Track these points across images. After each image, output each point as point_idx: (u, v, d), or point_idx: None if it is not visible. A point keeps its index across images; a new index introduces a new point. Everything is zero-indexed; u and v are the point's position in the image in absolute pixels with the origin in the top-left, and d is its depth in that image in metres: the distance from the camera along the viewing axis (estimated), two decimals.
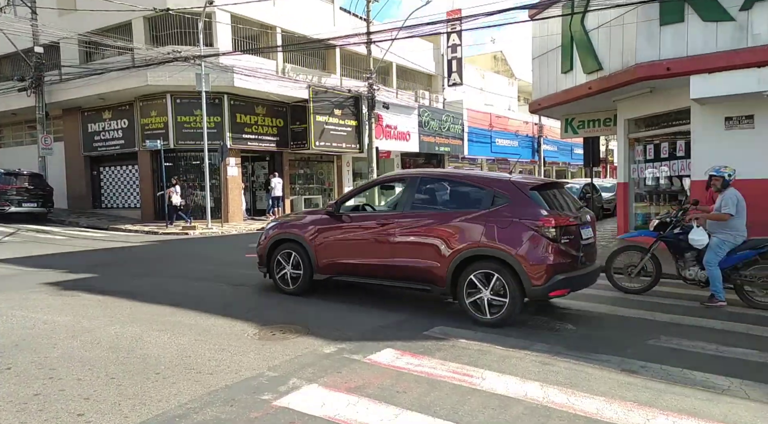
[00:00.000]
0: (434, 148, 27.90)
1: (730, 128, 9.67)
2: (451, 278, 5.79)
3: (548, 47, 13.61)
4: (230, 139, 18.59)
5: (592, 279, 6.17)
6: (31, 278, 8.29)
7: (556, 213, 5.60)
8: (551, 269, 5.42)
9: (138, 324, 5.61)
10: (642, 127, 12.23)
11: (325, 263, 6.77)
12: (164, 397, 3.74)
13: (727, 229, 6.54)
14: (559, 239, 5.46)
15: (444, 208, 6.19)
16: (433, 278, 5.95)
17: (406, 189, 6.49)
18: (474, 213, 5.79)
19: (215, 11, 18.02)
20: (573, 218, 5.78)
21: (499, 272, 5.53)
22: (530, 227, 5.45)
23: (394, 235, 6.21)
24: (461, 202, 6.12)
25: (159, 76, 17.28)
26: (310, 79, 21.13)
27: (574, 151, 38.59)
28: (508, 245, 5.48)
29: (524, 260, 5.40)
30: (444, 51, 29.04)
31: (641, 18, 9.81)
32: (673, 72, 9.50)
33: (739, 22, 8.98)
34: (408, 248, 6.12)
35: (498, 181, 6.02)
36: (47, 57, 20.01)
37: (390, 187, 6.98)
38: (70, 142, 21.34)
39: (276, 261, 7.22)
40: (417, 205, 6.29)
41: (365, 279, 6.60)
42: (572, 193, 16.76)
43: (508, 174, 6.59)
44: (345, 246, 6.64)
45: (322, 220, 6.90)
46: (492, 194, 5.83)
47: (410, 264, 6.12)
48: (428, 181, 6.49)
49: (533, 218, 5.47)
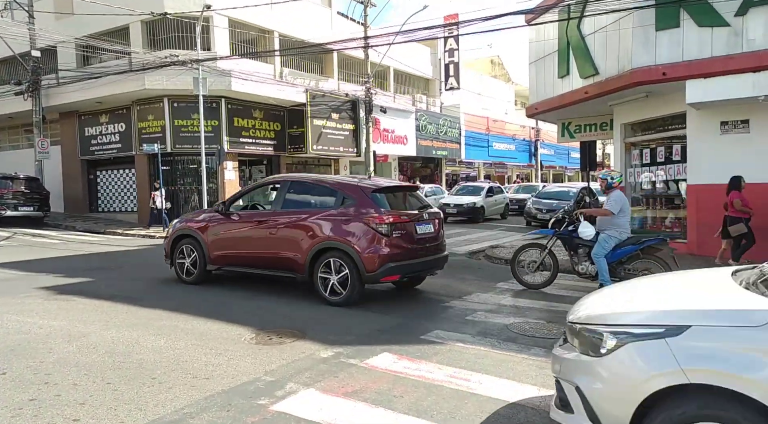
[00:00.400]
0: (431, 152, 27.95)
1: (726, 133, 9.72)
2: (309, 266, 6.84)
3: (545, 52, 13.67)
4: (227, 143, 18.58)
5: (430, 266, 7.28)
6: (26, 283, 8.25)
7: (389, 212, 6.68)
8: (383, 259, 6.51)
9: (134, 328, 5.59)
10: (638, 132, 12.29)
11: (216, 255, 7.76)
12: (160, 402, 3.72)
13: (612, 226, 7.15)
14: (390, 234, 6.56)
15: (305, 208, 7.21)
16: (297, 267, 6.96)
17: (279, 191, 7.60)
18: (327, 212, 6.91)
19: (213, 15, 18.04)
20: (406, 216, 6.85)
21: (343, 261, 6.61)
22: (366, 224, 6.57)
23: (267, 231, 7.26)
24: (319, 202, 7.21)
25: (156, 80, 17.27)
26: (308, 83, 21.16)
27: (571, 155, 38.72)
28: (349, 239, 6.61)
29: (360, 250, 6.51)
30: (441, 55, 29.14)
31: (637, 23, 9.87)
32: (668, 77, 9.55)
33: (734, 27, 9.05)
34: (278, 241, 7.17)
35: (347, 184, 7.11)
36: (44, 61, 19.98)
37: (276, 188, 8.07)
38: (66, 145, 21.30)
39: (178, 254, 8.15)
40: (286, 205, 7.35)
41: (248, 269, 7.58)
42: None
43: (366, 177, 7.79)
44: (231, 240, 7.64)
45: (214, 218, 7.91)
46: (342, 196, 6.92)
47: (280, 255, 7.15)
48: (295, 185, 7.54)
49: (369, 216, 6.59)
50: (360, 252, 6.50)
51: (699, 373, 2.41)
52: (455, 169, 32.41)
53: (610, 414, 2.63)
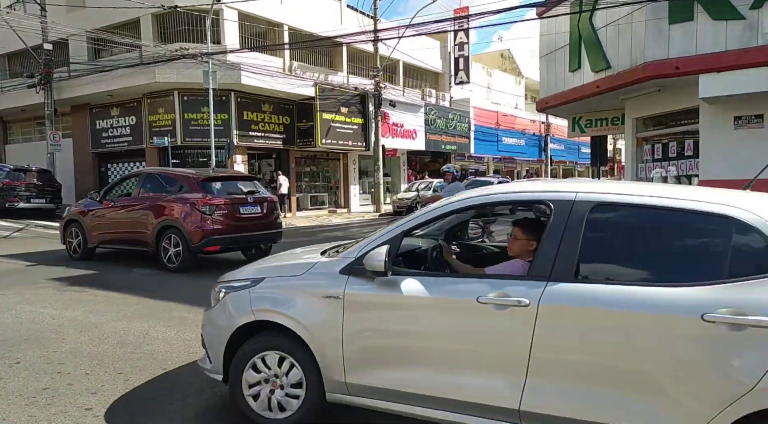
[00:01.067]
0: (440, 146, 27.86)
1: (739, 128, 9.60)
2: (155, 241, 8.55)
3: (556, 45, 13.55)
4: (237, 137, 18.65)
5: (258, 240, 9.14)
6: (39, 274, 8.36)
7: (213, 196, 8.36)
8: (205, 233, 8.20)
9: (145, 320, 5.65)
10: (650, 127, 12.16)
11: (93, 235, 9.44)
12: (170, 392, 3.76)
13: None
14: (212, 213, 8.24)
15: (154, 194, 8.88)
16: (149, 242, 8.68)
17: (137, 182, 9.35)
18: (168, 197, 8.64)
19: (223, 8, 18.08)
20: (229, 199, 8.50)
21: (177, 235, 8.35)
22: (193, 205, 8.29)
23: (127, 214, 9.04)
24: (164, 190, 8.87)
25: (167, 74, 17.34)
26: (317, 76, 21.16)
27: (582, 150, 38.43)
28: (180, 218, 8.34)
29: (187, 227, 8.22)
30: (451, 49, 28.97)
31: (650, 16, 9.75)
32: (681, 71, 9.43)
33: (749, 20, 8.91)
34: (134, 222, 8.90)
35: (183, 175, 8.91)
36: (56, 54, 20.12)
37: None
38: (78, 138, 21.48)
39: (68, 236, 9.84)
40: (142, 193, 9.06)
41: (117, 246, 9.40)
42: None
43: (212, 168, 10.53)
44: (103, 223, 9.38)
45: (92, 204, 9.62)
46: (180, 184, 8.69)
47: (136, 233, 8.87)
48: (148, 177, 9.31)
49: (195, 199, 8.31)
50: (187, 228, 8.22)
51: (259, 312, 3.12)
52: (464, 163, 32.30)
53: (212, 350, 3.33)
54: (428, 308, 2.80)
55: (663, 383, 2.31)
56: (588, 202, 2.63)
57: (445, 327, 2.76)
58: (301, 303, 3.03)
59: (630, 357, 2.38)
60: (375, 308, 2.92)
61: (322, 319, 2.96)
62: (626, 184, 3.81)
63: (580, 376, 2.47)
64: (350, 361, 2.91)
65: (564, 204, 2.67)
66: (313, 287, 3.03)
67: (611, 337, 2.41)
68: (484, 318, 2.64)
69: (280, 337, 3.09)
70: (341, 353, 2.91)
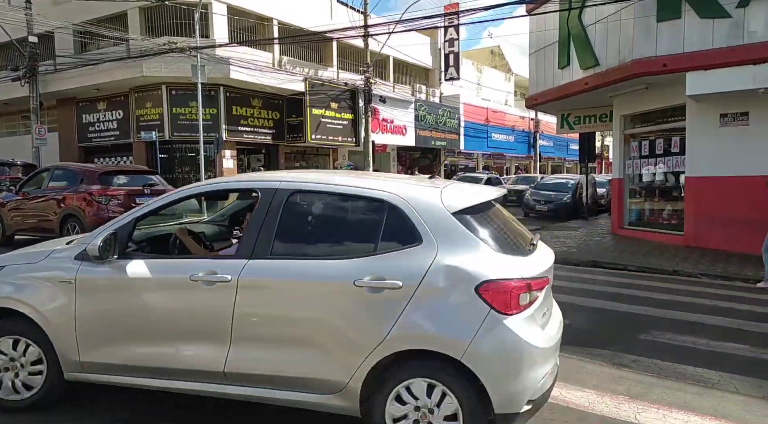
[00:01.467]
0: (430, 142, 27.88)
1: (725, 125, 9.71)
2: (59, 228, 9.45)
3: (545, 42, 13.61)
4: (226, 132, 18.52)
5: None
6: None
7: (107, 188, 9.40)
8: (101, 221, 8.26)
9: None
10: (637, 124, 12.27)
11: (9, 223, 10.42)
12: None
13: None
14: (107, 203, 9.27)
15: (59, 187, 9.86)
16: (54, 229, 9.52)
17: (47, 175, 10.35)
18: (72, 189, 9.63)
19: (211, 2, 17.92)
20: (123, 191, 9.53)
21: (77, 223, 9.29)
22: (90, 195, 9.33)
23: (37, 204, 10.03)
24: (69, 181, 9.84)
25: (154, 68, 17.17)
26: (307, 72, 21.06)
27: (570, 147, 38.67)
28: (78, 205, 9.36)
29: (86, 215, 9.23)
30: (441, 45, 28.96)
31: (638, 14, 9.82)
32: (669, 68, 9.52)
33: (735, 18, 9.00)
34: (43, 211, 9.87)
35: (84, 169, 10.23)
36: (41, 47, 19.78)
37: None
38: (64, 132, 21.21)
39: None
40: (51, 185, 10.08)
41: (33, 233, 10.04)
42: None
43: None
44: (18, 213, 10.34)
45: (10, 196, 10.67)
46: (81, 177, 9.71)
47: (44, 221, 9.83)
48: (56, 169, 10.39)
49: (92, 190, 9.36)
50: (86, 216, 9.16)
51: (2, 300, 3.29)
52: (454, 159, 32.37)
53: None
54: (150, 287, 3.09)
55: (325, 337, 2.79)
56: (287, 191, 3.04)
57: (164, 303, 3.07)
58: (36, 289, 3.24)
59: (305, 318, 2.84)
60: (103, 290, 3.18)
61: (56, 303, 3.18)
62: (325, 173, 4.09)
63: (270, 337, 2.89)
64: (83, 341, 3.14)
65: (268, 192, 3.05)
66: (49, 273, 3.25)
67: (292, 303, 2.87)
68: (195, 294, 2.99)
69: (20, 323, 3.25)
70: (74, 334, 3.15)
